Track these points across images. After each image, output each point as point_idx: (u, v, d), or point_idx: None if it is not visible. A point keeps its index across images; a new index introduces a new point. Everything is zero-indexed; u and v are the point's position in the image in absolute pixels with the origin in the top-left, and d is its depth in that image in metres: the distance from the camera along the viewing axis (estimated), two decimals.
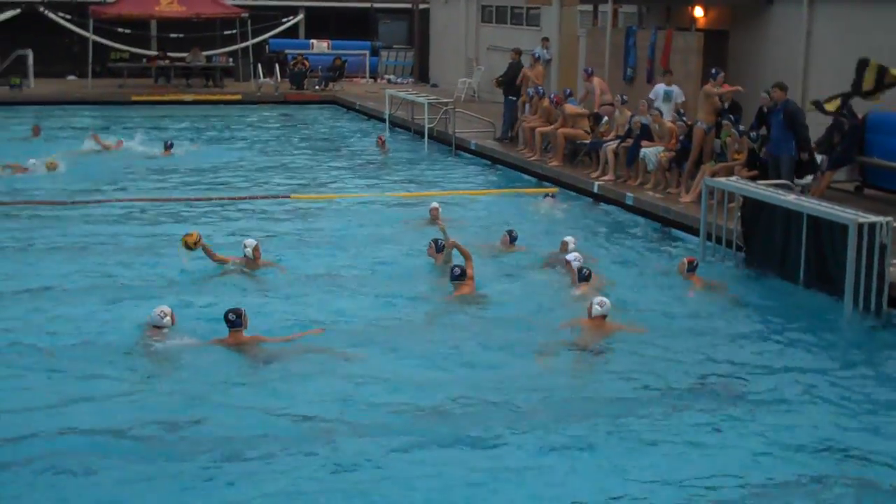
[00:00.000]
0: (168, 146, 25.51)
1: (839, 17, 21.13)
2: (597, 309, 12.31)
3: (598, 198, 20.42)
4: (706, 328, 12.93)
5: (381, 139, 27.28)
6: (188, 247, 14.62)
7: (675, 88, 22.00)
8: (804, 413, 10.41)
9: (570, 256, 14.72)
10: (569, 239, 15.54)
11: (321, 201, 20.49)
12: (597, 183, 20.64)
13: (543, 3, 32.61)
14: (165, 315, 12.05)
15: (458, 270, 13.91)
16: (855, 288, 13.21)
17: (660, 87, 22.18)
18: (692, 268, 14.68)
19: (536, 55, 26.65)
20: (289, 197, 20.67)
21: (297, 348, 11.85)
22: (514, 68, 26.03)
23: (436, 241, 15.38)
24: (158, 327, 12.00)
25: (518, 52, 26.71)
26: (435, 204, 18.15)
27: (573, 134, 22.79)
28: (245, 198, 20.47)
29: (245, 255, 14.80)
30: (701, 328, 12.93)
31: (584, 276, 13.82)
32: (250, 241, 14.91)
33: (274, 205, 19.89)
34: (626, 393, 10.91)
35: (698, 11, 24.11)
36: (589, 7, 28.70)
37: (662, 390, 10.96)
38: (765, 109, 18.36)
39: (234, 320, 11.69)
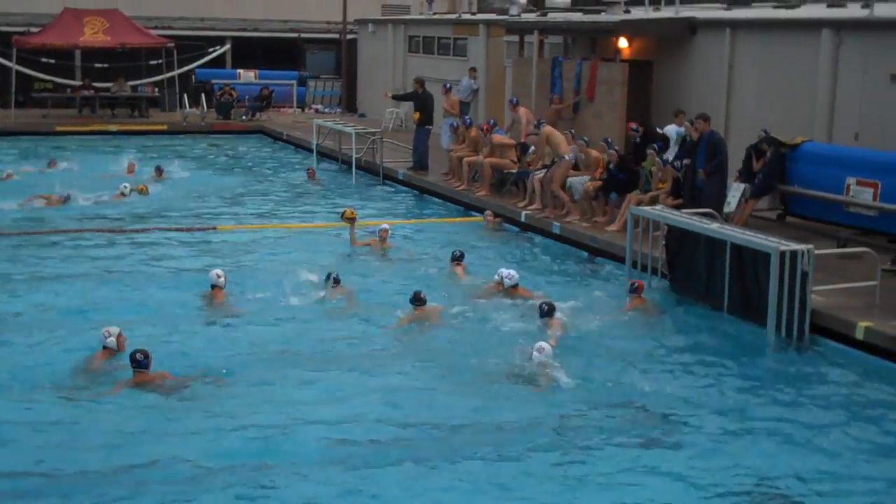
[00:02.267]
0: (159, 171, 26.15)
1: (760, 48, 21.48)
2: (536, 356, 12.06)
3: (526, 227, 20.50)
4: (631, 356, 12.99)
5: (310, 171, 27.20)
6: (347, 219, 18.14)
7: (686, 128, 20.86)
8: (728, 440, 10.50)
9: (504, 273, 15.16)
10: (510, 273, 15.42)
11: (248, 232, 20.36)
12: (524, 212, 20.73)
13: (470, 34, 32.80)
14: (110, 335, 12.05)
15: (413, 295, 14.23)
16: (777, 315, 13.37)
17: (672, 129, 20.59)
18: (633, 289, 14.86)
19: (447, 86, 26.74)
20: (215, 228, 20.50)
21: (199, 383, 11.77)
22: (418, 97, 26.17)
23: (329, 274, 15.43)
24: (107, 348, 12.02)
25: (420, 82, 26.78)
26: (385, 225, 18.48)
27: (500, 163, 22.90)
28: (171, 229, 20.25)
29: (217, 286, 14.90)
30: (626, 356, 12.98)
31: (545, 312, 13.64)
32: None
33: (200, 236, 19.72)
34: (553, 421, 10.95)
35: (623, 42, 24.36)
36: (515, 38, 28.88)
37: (589, 418, 11.01)
38: (688, 139, 18.59)
39: (142, 361, 11.53)
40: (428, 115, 26.09)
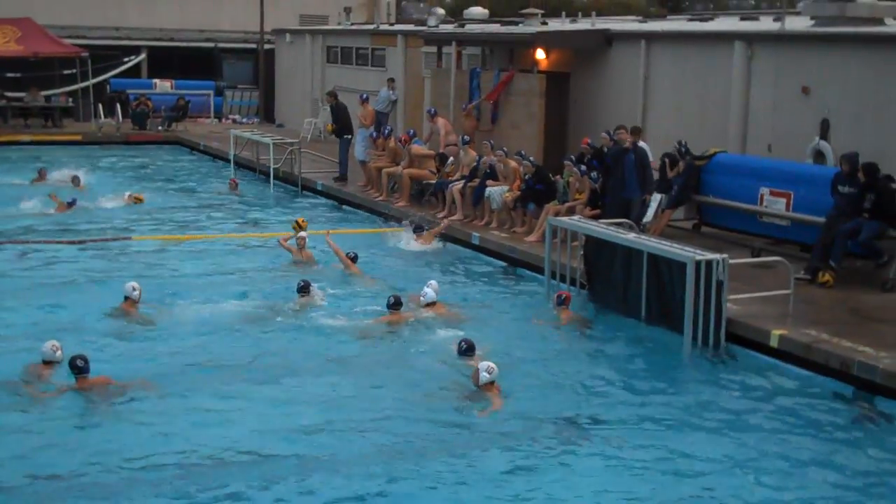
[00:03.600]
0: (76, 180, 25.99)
1: (675, 60, 21.77)
2: (485, 377, 11.74)
3: (445, 237, 20.52)
4: (557, 368, 13.04)
5: (232, 181, 27.00)
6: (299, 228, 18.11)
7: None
8: (646, 449, 10.59)
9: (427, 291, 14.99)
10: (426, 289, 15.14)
11: (164, 243, 20.14)
12: (443, 223, 20.75)
13: (388, 45, 32.85)
14: (57, 349, 11.94)
15: (392, 299, 14.48)
16: (694, 323, 13.53)
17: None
18: (562, 301, 14.91)
19: (364, 97, 26.65)
20: (130, 238, 20.27)
21: (148, 386, 11.85)
22: (333, 111, 26.13)
23: (306, 283, 15.39)
24: (50, 362, 11.89)
25: (334, 95, 26.71)
26: (303, 234, 18.41)
27: (419, 174, 22.94)
28: (86, 241, 19.98)
29: (130, 298, 14.67)
30: (551, 369, 13.03)
31: (464, 350, 12.83)
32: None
33: (116, 247, 19.49)
34: (480, 431, 11.01)
35: (540, 54, 24.56)
36: (433, 48, 28.98)
37: (518, 433, 11.03)
38: (606, 150, 18.77)
39: (83, 366, 11.55)
40: (343, 125, 26.01)
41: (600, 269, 15.67)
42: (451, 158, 22.38)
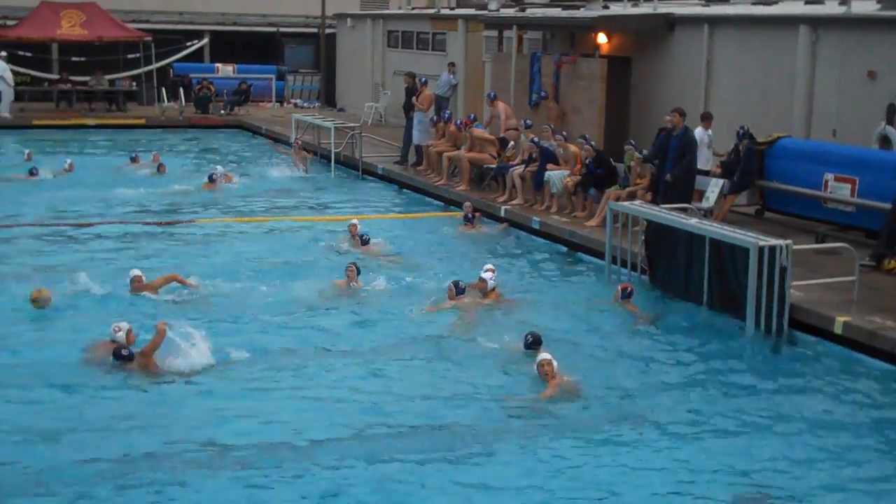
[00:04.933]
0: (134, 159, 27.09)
1: (738, 44, 21.58)
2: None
3: (505, 221, 20.52)
4: (611, 353, 13.03)
5: (297, 143, 27.48)
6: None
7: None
8: (708, 435, 10.58)
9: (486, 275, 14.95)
10: (487, 276, 15.09)
11: (227, 225, 20.34)
12: (503, 207, 20.77)
13: (449, 29, 32.82)
14: (120, 330, 12.13)
15: (463, 285, 14.59)
16: (756, 309, 13.45)
17: (699, 131, 19.27)
18: (626, 295, 14.75)
19: (423, 80, 26.61)
20: (194, 221, 20.49)
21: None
22: (412, 92, 26.20)
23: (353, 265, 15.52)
24: (114, 342, 12.11)
25: (412, 76, 26.79)
26: (354, 221, 18.52)
27: (479, 158, 22.92)
28: (150, 223, 20.22)
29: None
30: (607, 352, 13.05)
31: (529, 343, 12.62)
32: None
33: (180, 229, 19.73)
34: (545, 415, 11.01)
35: (601, 38, 24.43)
36: (494, 33, 28.92)
37: (579, 414, 11.06)
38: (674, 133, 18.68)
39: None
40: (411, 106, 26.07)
41: (661, 254, 15.61)
42: (512, 143, 22.36)
